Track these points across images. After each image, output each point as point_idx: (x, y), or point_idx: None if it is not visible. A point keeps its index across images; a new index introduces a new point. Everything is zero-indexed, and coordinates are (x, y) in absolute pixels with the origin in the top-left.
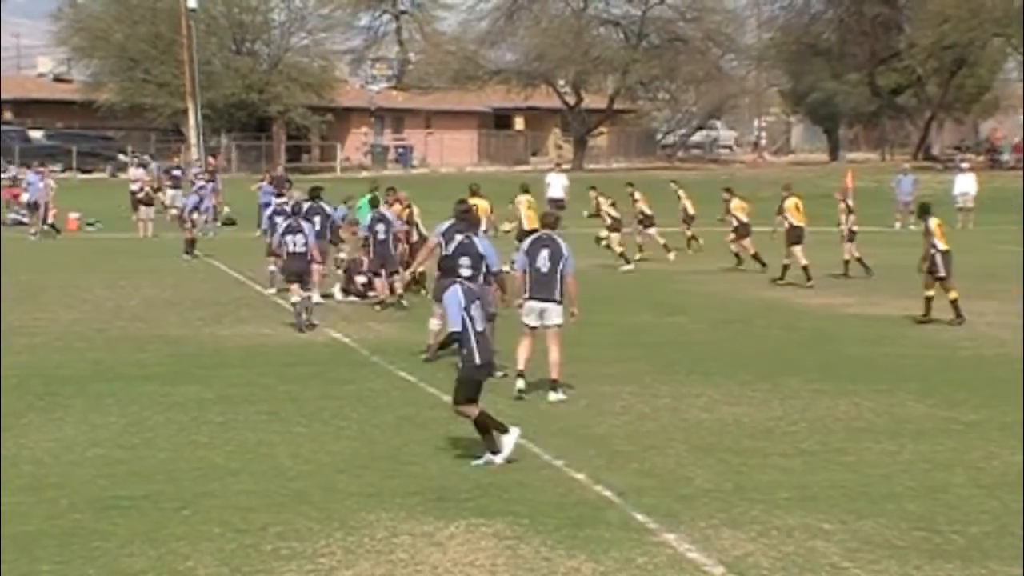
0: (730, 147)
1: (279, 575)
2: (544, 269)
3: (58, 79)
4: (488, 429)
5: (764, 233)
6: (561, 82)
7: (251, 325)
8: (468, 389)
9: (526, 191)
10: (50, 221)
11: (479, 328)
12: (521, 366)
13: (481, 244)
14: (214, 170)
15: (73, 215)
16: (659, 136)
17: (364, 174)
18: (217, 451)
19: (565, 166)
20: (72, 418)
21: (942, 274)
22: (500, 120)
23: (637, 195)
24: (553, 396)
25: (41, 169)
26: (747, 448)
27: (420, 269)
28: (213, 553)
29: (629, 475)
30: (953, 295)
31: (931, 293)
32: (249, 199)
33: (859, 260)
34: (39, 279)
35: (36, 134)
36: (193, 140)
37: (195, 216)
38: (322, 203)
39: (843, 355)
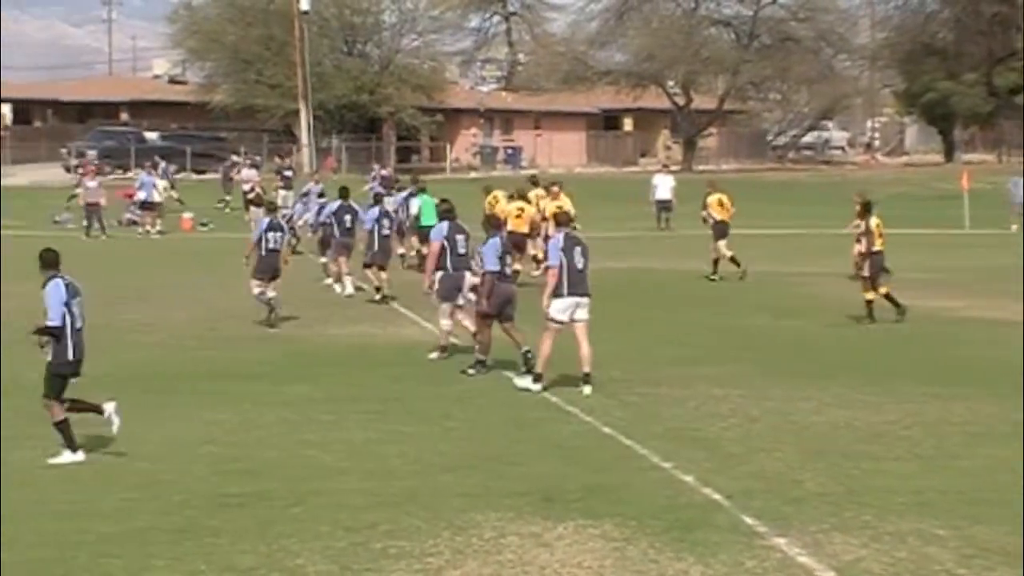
0: (842, 148)
1: (388, 573)
2: (579, 265)
3: (173, 81)
4: (69, 429)
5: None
6: (671, 83)
7: (359, 325)
8: (58, 384)
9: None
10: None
11: (78, 326)
12: (543, 368)
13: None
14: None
15: (186, 215)
16: (770, 137)
17: (473, 175)
18: (326, 450)
19: (673, 167)
20: (185, 416)
21: (866, 274)
22: (609, 121)
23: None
24: (587, 389)
25: (153, 170)
26: (859, 452)
27: None
28: (322, 551)
29: (738, 478)
30: (871, 296)
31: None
32: (359, 200)
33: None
34: (153, 279)
35: (151, 135)
36: (304, 141)
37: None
38: (351, 202)
39: (958, 358)
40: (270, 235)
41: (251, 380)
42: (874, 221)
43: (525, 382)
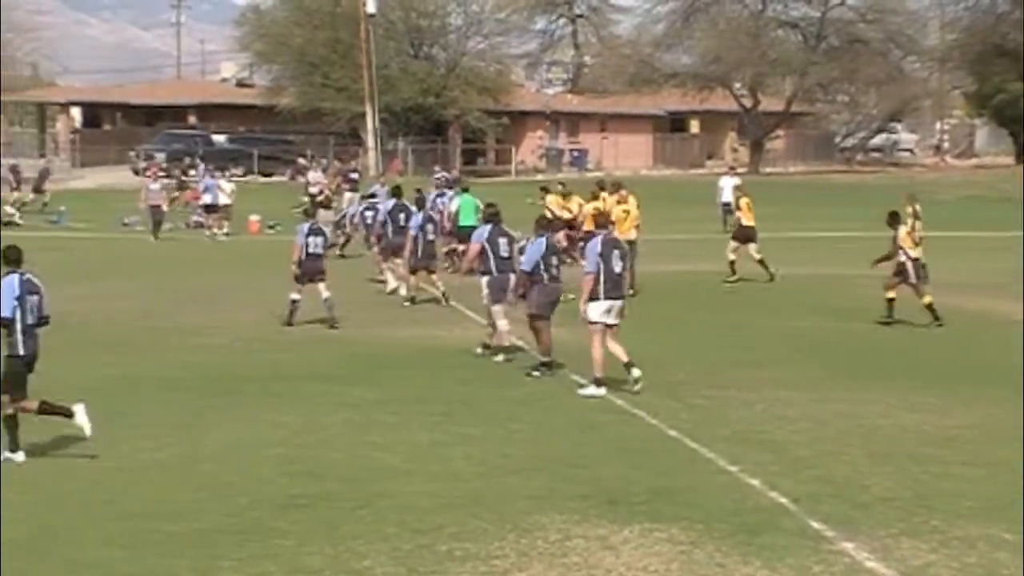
0: (911, 150)
1: None
2: (617, 269)
3: (240, 84)
4: (16, 427)
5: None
6: (737, 85)
7: (425, 327)
8: (18, 382)
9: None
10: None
11: (28, 321)
12: (601, 372)
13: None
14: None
15: (254, 217)
16: (838, 139)
17: (539, 177)
18: (392, 452)
19: (740, 170)
20: (251, 417)
21: (913, 280)
22: (675, 123)
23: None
24: (636, 372)
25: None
26: (927, 456)
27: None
28: (389, 552)
29: (805, 482)
30: (928, 299)
31: (893, 295)
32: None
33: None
34: (219, 280)
35: (219, 138)
36: (371, 144)
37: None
38: (405, 201)
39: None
40: (311, 240)
41: (317, 382)
42: (903, 230)
43: (590, 390)
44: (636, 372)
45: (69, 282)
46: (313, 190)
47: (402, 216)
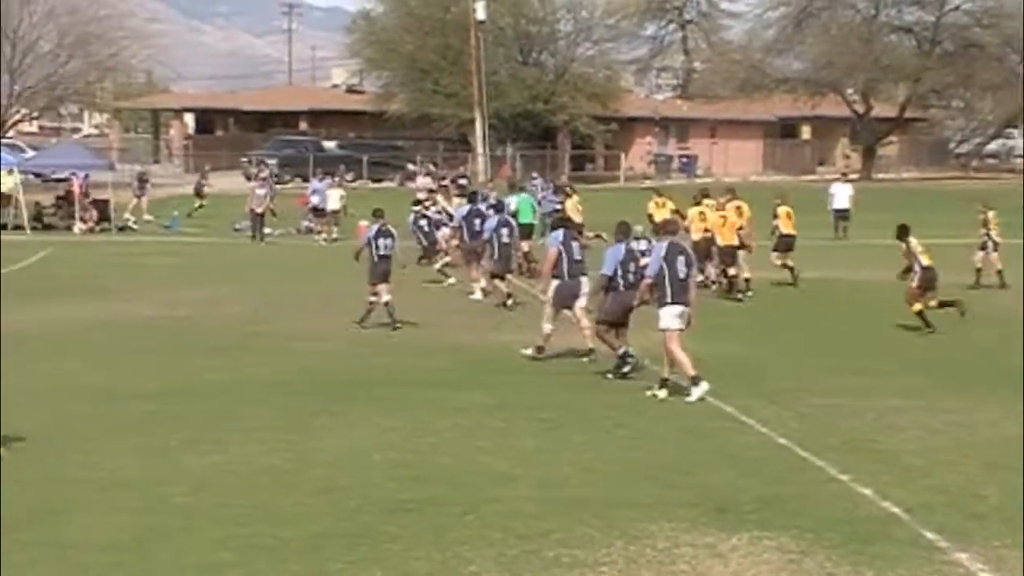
0: None
1: None
2: (682, 275)
3: (351, 90)
4: None
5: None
6: (850, 90)
7: (531, 332)
8: None
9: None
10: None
11: None
12: (693, 371)
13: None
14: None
15: (363, 223)
16: (952, 145)
17: (647, 183)
18: (500, 457)
19: (852, 176)
20: (361, 422)
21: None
22: (786, 129)
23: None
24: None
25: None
26: None
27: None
28: (495, 558)
29: (918, 491)
30: (918, 307)
31: (919, 306)
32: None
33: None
34: (329, 285)
35: (329, 144)
36: (479, 150)
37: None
38: (480, 206)
39: None
40: (380, 241)
41: (426, 387)
42: (914, 242)
43: (695, 393)
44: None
45: (182, 287)
46: (420, 195)
47: (477, 221)
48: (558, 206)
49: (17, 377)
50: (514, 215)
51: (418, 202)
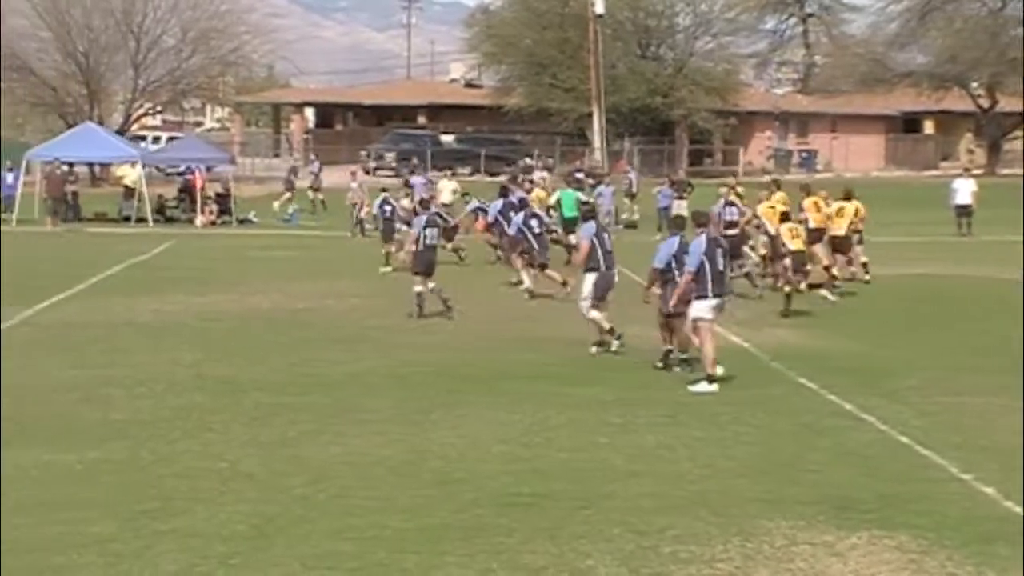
0: None
1: None
2: (721, 267)
3: (469, 84)
4: None
5: None
6: (974, 84)
7: (646, 326)
8: None
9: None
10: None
11: None
12: (714, 368)
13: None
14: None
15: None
16: None
17: (766, 178)
18: (617, 452)
19: (976, 171)
20: (477, 415)
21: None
22: (908, 124)
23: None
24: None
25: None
26: None
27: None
28: (612, 553)
29: None
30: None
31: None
32: (650, 202)
33: None
34: (444, 279)
35: (447, 138)
36: (597, 144)
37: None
38: (513, 199)
39: None
40: (428, 231)
41: (541, 381)
42: (784, 227)
43: (701, 386)
44: (703, 386)
45: (301, 280)
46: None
47: (512, 215)
48: (673, 202)
49: (138, 368)
50: (554, 208)
51: (385, 189)
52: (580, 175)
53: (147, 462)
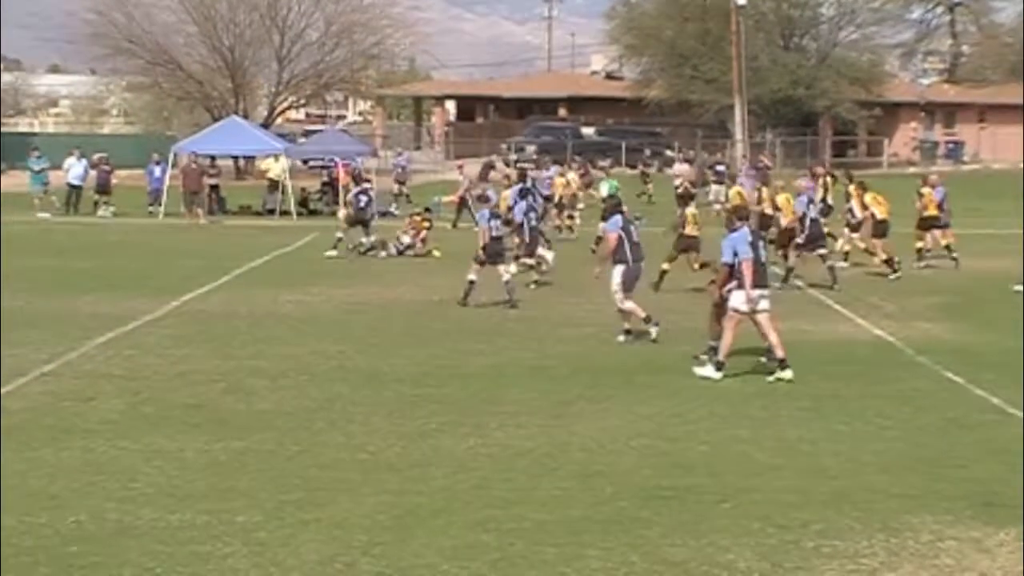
0: None
1: (819, 573)
2: (763, 259)
3: (609, 76)
4: None
5: None
6: None
7: (792, 320)
8: None
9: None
10: None
11: None
12: (725, 356)
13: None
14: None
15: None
16: None
17: (911, 170)
18: (758, 446)
19: None
20: (617, 408)
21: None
22: None
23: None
24: (788, 373)
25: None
26: None
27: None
28: (753, 547)
29: None
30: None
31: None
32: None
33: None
34: (580, 271)
35: (587, 130)
36: (739, 136)
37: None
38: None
39: None
40: (493, 223)
41: (682, 375)
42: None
43: (707, 370)
44: (788, 373)
45: (439, 272)
46: (676, 182)
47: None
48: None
49: (281, 359)
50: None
51: (368, 180)
52: (722, 168)
53: (291, 452)
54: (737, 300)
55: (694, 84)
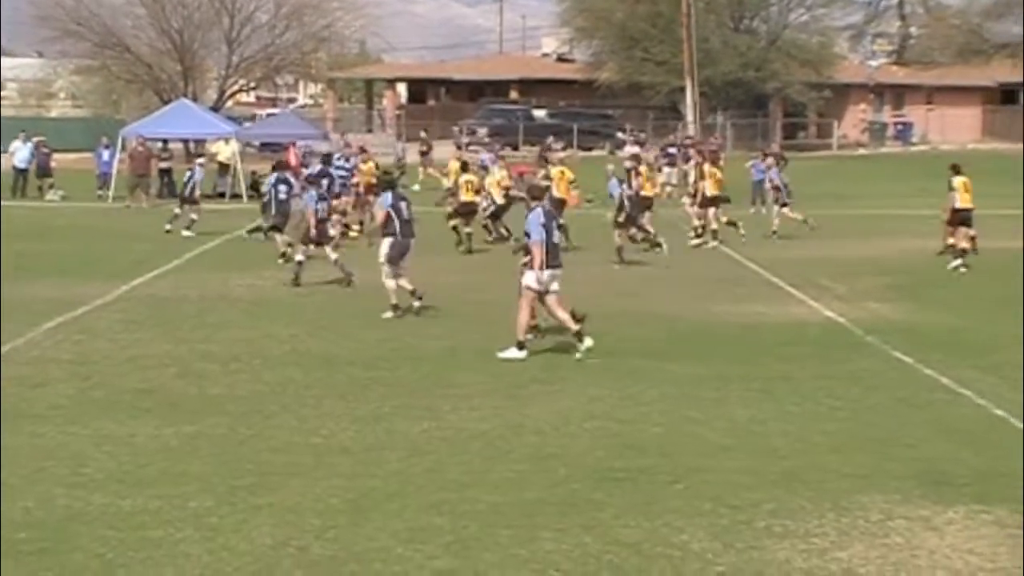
0: None
1: (771, 552)
2: (556, 239)
3: (561, 59)
4: None
5: None
6: None
7: (746, 303)
8: None
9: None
10: None
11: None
12: (523, 335)
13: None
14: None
15: (574, 192)
16: None
17: (861, 151)
18: (710, 427)
19: None
20: (570, 390)
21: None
22: (1006, 95)
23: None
24: (588, 341)
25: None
26: None
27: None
28: (706, 528)
29: None
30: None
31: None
32: (743, 176)
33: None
34: None
35: (539, 113)
36: (690, 118)
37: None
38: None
39: None
40: (320, 205)
41: (635, 357)
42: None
43: (509, 353)
44: (588, 341)
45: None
46: (627, 164)
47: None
48: (765, 175)
49: (233, 343)
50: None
51: (280, 166)
52: (673, 150)
53: (243, 436)
54: (529, 279)
55: (645, 66)
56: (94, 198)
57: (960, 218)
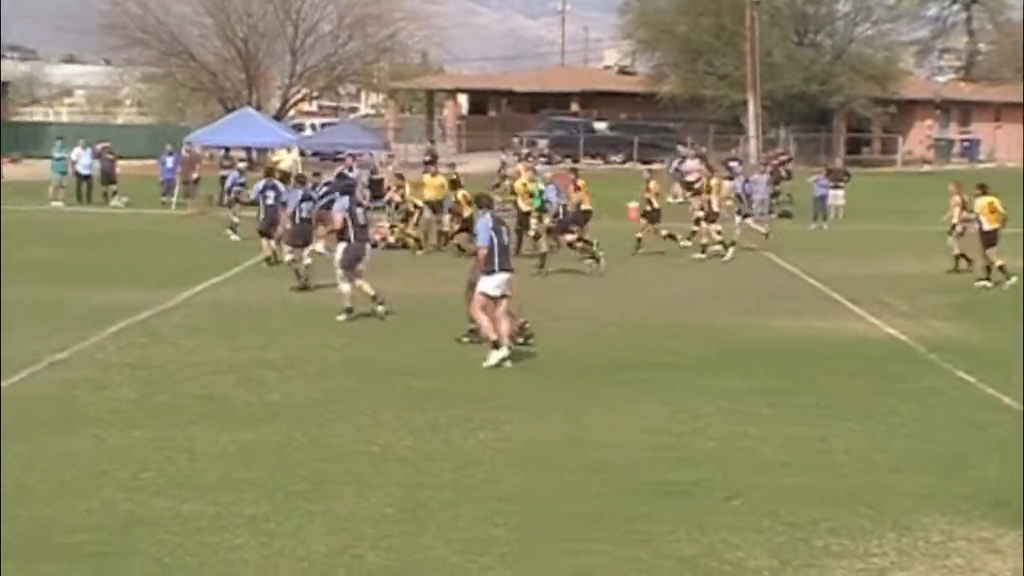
0: None
1: (829, 571)
2: (506, 242)
3: (623, 71)
4: None
5: None
6: None
7: (802, 318)
8: None
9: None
10: None
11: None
12: (494, 335)
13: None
14: (775, 163)
15: (632, 204)
16: None
17: (926, 168)
18: (765, 443)
19: None
20: (624, 404)
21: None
22: None
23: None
24: (504, 351)
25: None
26: None
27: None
28: (762, 544)
29: None
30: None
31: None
32: (806, 191)
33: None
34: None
35: (600, 125)
36: (752, 132)
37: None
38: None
39: None
40: (304, 205)
41: (687, 371)
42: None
43: (492, 358)
44: (502, 352)
45: (450, 266)
46: (690, 178)
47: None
48: (829, 191)
49: (290, 351)
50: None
51: (270, 172)
52: (734, 164)
53: (300, 444)
54: (486, 284)
55: (707, 79)
56: (158, 205)
57: (988, 239)
